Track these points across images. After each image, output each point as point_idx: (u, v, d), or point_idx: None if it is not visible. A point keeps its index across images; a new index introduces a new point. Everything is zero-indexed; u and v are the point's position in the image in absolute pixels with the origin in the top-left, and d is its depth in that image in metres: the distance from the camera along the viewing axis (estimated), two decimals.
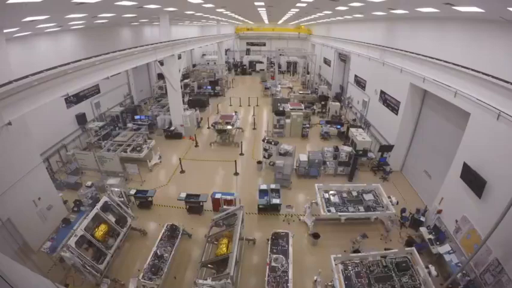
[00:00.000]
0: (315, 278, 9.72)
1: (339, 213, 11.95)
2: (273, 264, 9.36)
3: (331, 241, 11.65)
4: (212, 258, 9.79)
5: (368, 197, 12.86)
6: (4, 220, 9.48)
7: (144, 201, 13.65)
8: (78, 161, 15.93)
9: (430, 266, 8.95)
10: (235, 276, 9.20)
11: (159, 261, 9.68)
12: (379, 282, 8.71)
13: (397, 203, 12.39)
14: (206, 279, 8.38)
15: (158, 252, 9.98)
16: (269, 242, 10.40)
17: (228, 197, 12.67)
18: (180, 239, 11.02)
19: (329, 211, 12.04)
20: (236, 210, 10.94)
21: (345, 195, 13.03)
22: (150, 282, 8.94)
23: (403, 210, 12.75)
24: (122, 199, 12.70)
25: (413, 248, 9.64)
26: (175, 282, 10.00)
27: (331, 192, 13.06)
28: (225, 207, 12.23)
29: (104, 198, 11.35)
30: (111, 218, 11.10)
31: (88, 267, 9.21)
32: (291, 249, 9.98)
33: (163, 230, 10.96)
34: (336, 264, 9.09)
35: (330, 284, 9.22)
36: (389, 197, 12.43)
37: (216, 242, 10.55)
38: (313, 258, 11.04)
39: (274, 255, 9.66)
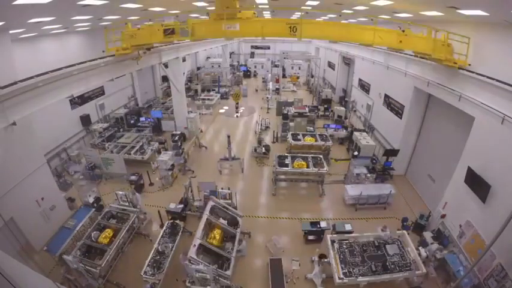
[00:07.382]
0: (312, 258, 10.52)
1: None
2: None
3: None
4: (211, 246, 10.11)
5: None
6: (7, 219, 9.50)
7: None
8: (87, 160, 16.19)
9: (420, 248, 9.86)
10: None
11: (160, 257, 9.86)
12: (372, 260, 9.64)
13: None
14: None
15: (159, 248, 10.17)
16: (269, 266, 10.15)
17: None
18: (181, 236, 11.15)
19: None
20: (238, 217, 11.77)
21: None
22: (151, 278, 9.12)
23: (405, 220, 12.65)
24: (127, 203, 12.26)
25: (404, 232, 10.53)
26: (176, 281, 9.92)
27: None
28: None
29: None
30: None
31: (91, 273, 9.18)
32: None
33: (164, 228, 11.16)
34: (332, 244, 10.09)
35: (326, 260, 9.98)
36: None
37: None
38: None
39: None
